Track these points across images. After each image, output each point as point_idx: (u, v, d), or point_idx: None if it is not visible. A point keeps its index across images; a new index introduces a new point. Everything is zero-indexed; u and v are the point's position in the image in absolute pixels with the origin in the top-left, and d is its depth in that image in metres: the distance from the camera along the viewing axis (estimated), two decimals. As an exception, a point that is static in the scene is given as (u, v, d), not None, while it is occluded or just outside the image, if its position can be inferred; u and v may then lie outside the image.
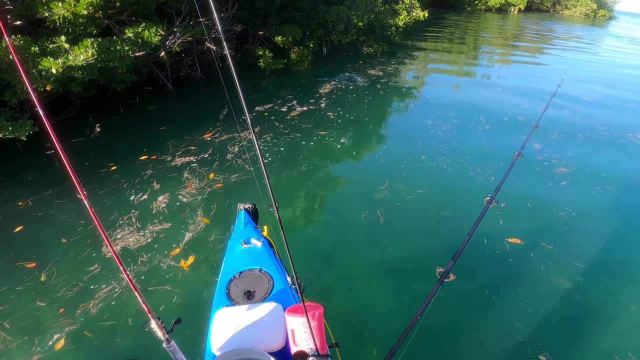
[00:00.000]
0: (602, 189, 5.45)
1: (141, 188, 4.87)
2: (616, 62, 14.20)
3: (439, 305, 3.49)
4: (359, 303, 3.50)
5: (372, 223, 4.49)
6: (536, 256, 4.13)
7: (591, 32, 23.29)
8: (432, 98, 9.14)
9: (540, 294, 3.69)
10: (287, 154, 5.96)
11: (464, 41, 16.66)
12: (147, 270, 3.70)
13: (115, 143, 5.92)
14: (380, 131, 7.28)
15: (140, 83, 7.65)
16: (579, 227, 4.61)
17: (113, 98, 7.00)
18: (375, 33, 11.09)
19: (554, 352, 3.16)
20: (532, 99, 9.29)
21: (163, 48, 6.94)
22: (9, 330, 3.10)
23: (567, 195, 5.25)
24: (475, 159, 6.04)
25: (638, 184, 5.73)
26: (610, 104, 9.39)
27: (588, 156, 6.45)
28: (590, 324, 3.45)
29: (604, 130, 7.59)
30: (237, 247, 2.81)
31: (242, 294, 2.42)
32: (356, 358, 2.98)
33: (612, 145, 6.97)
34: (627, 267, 4.11)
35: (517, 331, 3.31)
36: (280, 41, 8.91)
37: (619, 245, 4.41)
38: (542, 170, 5.87)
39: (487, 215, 4.69)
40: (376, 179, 5.37)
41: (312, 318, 1.85)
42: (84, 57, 4.86)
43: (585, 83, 11.07)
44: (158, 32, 6.25)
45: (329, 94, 8.56)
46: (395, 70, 10.79)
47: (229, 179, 5.20)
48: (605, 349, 3.25)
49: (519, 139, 6.91)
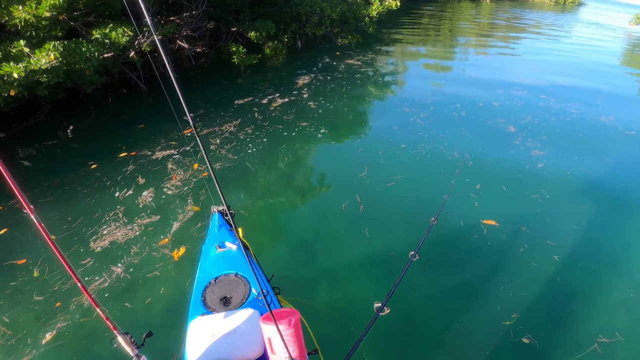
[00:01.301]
0: (575, 170, 5.54)
1: (125, 184, 4.80)
2: (586, 48, 14.46)
3: (419, 292, 3.50)
4: (343, 297, 3.46)
5: (353, 213, 4.46)
6: (513, 239, 4.16)
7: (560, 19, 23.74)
8: (409, 87, 9.16)
9: (520, 276, 3.72)
10: (269, 144, 5.91)
11: (439, 31, 16.73)
12: (137, 263, 3.69)
13: (91, 143, 5.76)
14: (359, 120, 7.26)
15: (113, 84, 7.44)
16: (554, 209, 4.67)
17: (85, 101, 6.80)
18: (349, 24, 11.03)
19: (537, 334, 3.18)
20: (505, 85, 9.36)
21: (132, 48, 6.76)
22: (10, 324, 3.11)
23: (542, 177, 5.32)
24: (453, 145, 6.08)
25: (609, 165, 5.84)
26: (582, 89, 9.52)
27: (561, 138, 6.55)
28: (573, 305, 3.49)
29: (576, 113, 7.72)
30: (211, 252, 2.71)
31: (219, 301, 2.35)
32: (342, 356, 2.94)
33: (584, 128, 7.08)
34: (604, 247, 4.16)
35: (499, 315, 3.33)
36: (254, 37, 8.78)
37: (594, 225, 4.46)
38: (518, 153, 5.94)
39: (463, 199, 4.78)
40: (356, 168, 5.35)
41: (288, 325, 1.78)
42: (47, 60, 4.68)
43: (556, 69, 11.22)
44: (126, 33, 6.08)
45: (308, 85, 8.50)
46: (372, 61, 10.77)
47: (214, 168, 5.15)
48: (589, 329, 3.27)
49: (493, 124, 7.00)
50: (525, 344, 3.09)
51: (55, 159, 5.34)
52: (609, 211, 4.74)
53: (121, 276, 3.55)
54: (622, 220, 4.60)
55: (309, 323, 2.30)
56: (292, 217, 4.47)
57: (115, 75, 7.31)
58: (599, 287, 3.68)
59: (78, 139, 5.90)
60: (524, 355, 3.05)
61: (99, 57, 5.78)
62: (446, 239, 4.13)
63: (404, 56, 11.78)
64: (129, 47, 6.63)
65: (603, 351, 3.08)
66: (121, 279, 3.52)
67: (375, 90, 8.73)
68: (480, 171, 5.35)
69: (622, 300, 3.55)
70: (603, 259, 4.00)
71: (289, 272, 3.63)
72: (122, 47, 6.20)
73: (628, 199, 5.03)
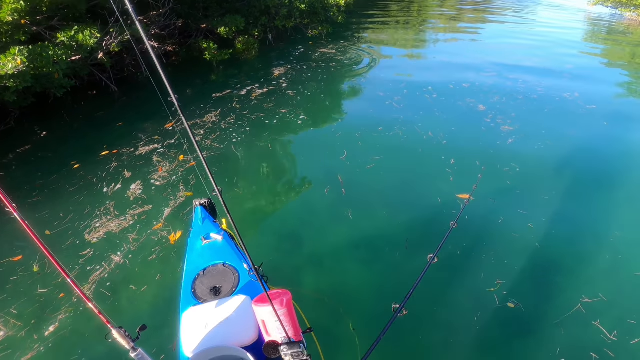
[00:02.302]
0: (542, 144, 5.73)
1: (112, 179, 4.80)
2: (550, 30, 14.81)
3: (404, 269, 3.58)
4: (331, 281, 3.50)
5: (335, 196, 4.52)
6: (489, 211, 4.30)
7: (523, 1, 24.23)
8: (382, 72, 9.26)
9: (500, 246, 3.84)
10: (252, 132, 5.95)
11: (408, 18, 16.88)
12: (135, 249, 3.76)
13: (69, 145, 5.68)
14: (336, 106, 7.34)
15: (83, 87, 7.28)
16: (525, 181, 4.83)
17: (56, 105, 6.63)
18: (318, 15, 11.03)
19: (522, 298, 3.29)
20: (474, 68, 9.52)
21: (100, 49, 6.63)
22: (17, 316, 3.15)
23: (512, 152, 5.49)
24: (427, 125, 6.22)
25: (573, 137, 6.04)
26: (548, 68, 9.72)
27: (529, 114, 6.76)
28: (554, 269, 3.61)
29: (542, 91, 7.93)
30: (197, 244, 2.73)
31: (209, 291, 2.35)
32: (334, 337, 2.98)
33: (550, 104, 7.30)
34: (572, 215, 4.32)
35: (483, 283, 3.43)
36: (224, 32, 8.70)
37: (562, 195, 4.63)
38: (489, 130, 6.13)
39: (439, 173, 4.93)
40: (335, 152, 5.43)
41: (281, 305, 1.75)
42: (13, 65, 4.57)
43: (521, 51, 11.40)
44: (93, 35, 5.96)
45: (284, 75, 8.54)
46: (345, 49, 10.82)
47: (203, 155, 5.19)
48: (572, 291, 3.39)
49: (464, 104, 7.18)
50: (511, 308, 3.21)
51: (32, 163, 5.23)
52: (574, 181, 4.93)
53: (120, 263, 3.60)
54: (586, 189, 4.77)
55: (300, 307, 2.35)
56: (277, 204, 4.51)
57: (85, 78, 7.14)
58: (576, 252, 3.82)
59: (54, 142, 5.79)
60: (511, 319, 3.15)
61: (67, 60, 5.65)
62: (425, 215, 4.25)
63: (376, 43, 11.87)
64: (97, 48, 6.49)
65: (587, 311, 3.20)
66: (120, 266, 3.58)
67: (350, 76, 8.80)
68: (453, 148, 5.51)
69: (600, 263, 3.69)
70: (575, 225, 4.17)
71: (275, 259, 3.66)
72: (90, 48, 6.07)
73: (591, 169, 5.22)
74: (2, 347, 2.93)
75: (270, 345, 1.76)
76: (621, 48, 12.86)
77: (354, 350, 2.85)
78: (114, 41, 6.61)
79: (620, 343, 2.96)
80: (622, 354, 2.89)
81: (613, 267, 3.66)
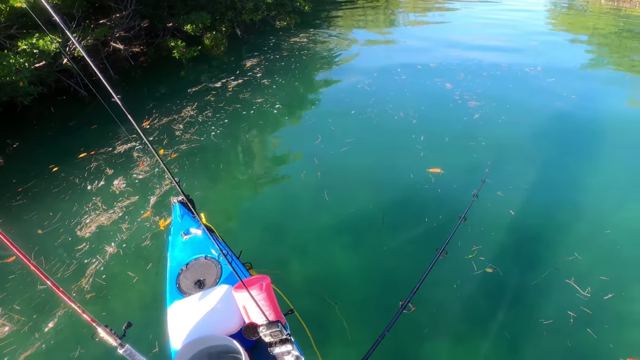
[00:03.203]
0: (506, 117, 5.89)
1: (95, 177, 4.81)
2: (515, 9, 14.95)
3: (385, 248, 3.63)
4: (315, 267, 3.51)
5: (312, 181, 4.57)
6: (459, 184, 4.40)
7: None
8: (353, 57, 9.35)
9: (473, 215, 3.79)
10: (230, 124, 6.00)
11: (377, 3, 16.92)
12: (126, 238, 3.84)
13: (44, 151, 5.60)
14: (309, 92, 7.43)
15: (51, 94, 7.12)
16: (490, 153, 4.91)
17: (24, 113, 6.47)
18: (285, 6, 10.96)
19: (499, 263, 3.37)
20: (441, 49, 9.65)
21: (64, 55, 6.49)
22: (20, 312, 3.19)
23: (478, 126, 5.63)
24: (398, 106, 6.33)
25: (535, 109, 6.19)
26: (512, 46, 9.89)
27: (493, 90, 6.91)
28: (527, 233, 3.71)
29: (506, 67, 8.11)
30: (178, 240, 2.73)
31: (193, 285, 2.37)
32: (321, 320, 3.01)
33: (513, 79, 7.47)
34: (544, 183, 4.42)
35: (461, 251, 3.50)
36: (191, 29, 8.58)
37: (525, 164, 4.75)
38: (456, 107, 6.26)
39: (410, 150, 5.05)
40: (310, 137, 5.50)
41: (260, 290, 1.77)
42: (-26, 75, 4.46)
43: (487, 31, 11.57)
44: (54, 40, 5.83)
45: (258, 66, 8.56)
46: (315, 37, 10.84)
47: (181, 148, 5.32)
48: (546, 253, 3.48)
49: (432, 83, 7.32)
50: (490, 274, 3.30)
51: (8, 171, 5.15)
52: (536, 149, 5.08)
53: (114, 253, 3.67)
54: (547, 157, 4.91)
55: (283, 293, 2.36)
56: (258, 193, 4.57)
57: (52, 85, 6.99)
58: (548, 215, 3.93)
59: (27, 149, 5.68)
60: (490, 283, 3.22)
61: (30, 67, 5.53)
62: (399, 191, 4.34)
63: (345, 30, 11.89)
64: (60, 54, 6.36)
65: (563, 269, 3.30)
66: (114, 256, 3.64)
67: (321, 63, 8.87)
68: (423, 126, 5.63)
69: (571, 224, 3.82)
70: (542, 191, 4.30)
71: (258, 247, 3.69)
72: (52, 54, 5.94)
73: (551, 138, 5.36)
74: (8, 342, 2.98)
75: (249, 327, 1.77)
76: (581, 24, 13.20)
77: (342, 329, 2.91)
78: (77, 46, 6.48)
79: (594, 299, 3.04)
80: (597, 310, 2.96)
81: (583, 227, 3.78)
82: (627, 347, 2.75)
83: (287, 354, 1.77)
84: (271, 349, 1.75)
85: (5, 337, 3.01)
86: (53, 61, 6.23)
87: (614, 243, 3.56)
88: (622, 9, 15.08)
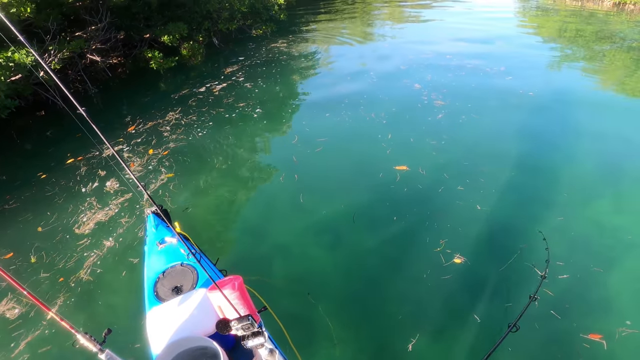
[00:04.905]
0: (466, 116, 6.08)
1: (88, 180, 4.88)
2: (486, 10, 15.33)
3: (358, 246, 3.72)
4: (296, 268, 3.56)
5: (290, 183, 4.66)
6: (423, 180, 4.56)
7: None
8: (329, 61, 9.57)
9: (440, 210, 4.06)
10: (214, 127, 6.14)
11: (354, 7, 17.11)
12: (123, 232, 3.97)
13: (29, 161, 5.61)
14: (288, 96, 7.57)
15: (29, 107, 7.06)
16: (449, 150, 5.13)
17: (2, 127, 6.41)
18: (260, 15, 11.04)
19: (466, 253, 3.50)
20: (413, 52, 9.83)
21: (41, 68, 6.47)
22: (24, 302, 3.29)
23: (440, 126, 5.81)
24: (370, 107, 6.51)
25: (493, 106, 6.45)
26: (479, 46, 10.16)
27: (457, 89, 7.13)
28: (491, 223, 3.84)
29: (470, 68, 8.33)
30: (153, 250, 2.75)
31: (171, 291, 2.40)
32: (302, 319, 3.07)
33: (475, 79, 7.69)
34: (501, 177, 4.59)
35: (429, 245, 3.63)
36: (168, 40, 8.60)
37: (480, 158, 4.92)
38: (423, 107, 6.45)
39: (376, 149, 5.21)
40: (287, 138, 5.71)
41: (233, 288, 1.82)
42: (-52, 90, 4.44)
43: (458, 34, 11.74)
44: (29, 53, 5.82)
45: (237, 72, 8.67)
46: (293, 43, 10.94)
47: (169, 147, 5.46)
48: (511, 240, 3.63)
49: (402, 85, 7.53)
50: (458, 264, 3.41)
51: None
52: (491, 146, 5.28)
53: (111, 246, 3.80)
54: (500, 153, 5.08)
55: (262, 296, 2.41)
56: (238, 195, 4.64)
57: (30, 98, 6.94)
58: (509, 207, 4.10)
59: (9, 161, 5.63)
60: (459, 273, 3.34)
61: (6, 80, 5.51)
62: (368, 189, 4.47)
63: (322, 36, 11.98)
64: (36, 67, 6.34)
65: (529, 251, 3.47)
66: (111, 249, 3.78)
67: (299, 68, 9.00)
68: (392, 127, 5.81)
69: (530, 214, 3.99)
70: (502, 184, 4.45)
71: (237, 249, 3.75)
72: (28, 67, 5.93)
73: (507, 135, 5.58)
74: (18, 324, 3.13)
75: (221, 322, 1.77)
76: (550, 24, 13.55)
77: (322, 328, 2.98)
78: (54, 58, 6.48)
79: (553, 282, 3.20)
80: (558, 293, 3.13)
81: (540, 216, 3.95)
82: (587, 325, 2.91)
83: (260, 347, 1.79)
84: (244, 342, 1.77)
85: (16, 318, 3.15)
86: (29, 74, 6.20)
87: (569, 230, 3.76)
88: (585, 8, 15.55)
